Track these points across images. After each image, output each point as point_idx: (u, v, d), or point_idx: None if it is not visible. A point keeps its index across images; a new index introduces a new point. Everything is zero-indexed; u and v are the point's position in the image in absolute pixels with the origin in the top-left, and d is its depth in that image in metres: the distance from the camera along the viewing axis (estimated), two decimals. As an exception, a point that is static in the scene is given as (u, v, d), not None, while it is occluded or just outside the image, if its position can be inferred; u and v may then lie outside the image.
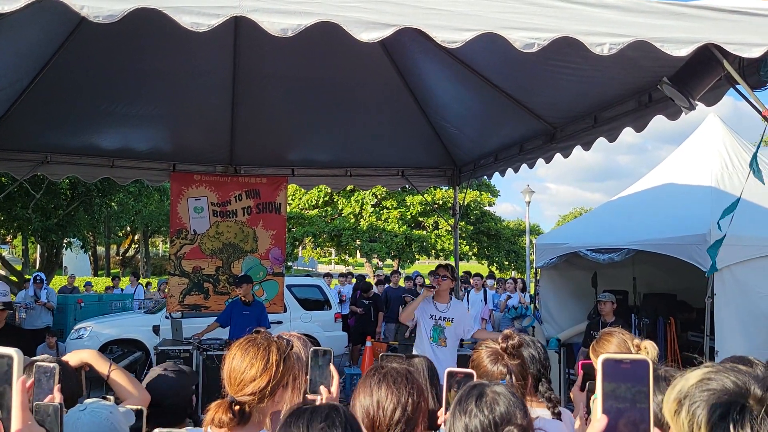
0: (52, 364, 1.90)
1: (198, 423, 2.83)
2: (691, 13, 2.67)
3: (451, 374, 1.76)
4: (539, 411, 2.30)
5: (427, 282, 6.16)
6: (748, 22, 2.71)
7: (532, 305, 11.79)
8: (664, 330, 8.10)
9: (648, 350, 2.34)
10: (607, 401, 1.23)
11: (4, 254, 23.47)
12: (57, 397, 1.95)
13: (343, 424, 1.37)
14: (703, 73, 3.52)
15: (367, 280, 15.86)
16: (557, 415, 2.25)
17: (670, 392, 1.19)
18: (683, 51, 2.60)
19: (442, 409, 1.80)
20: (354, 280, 15.41)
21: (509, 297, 12.71)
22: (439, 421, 1.81)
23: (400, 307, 12.62)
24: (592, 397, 1.78)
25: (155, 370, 2.88)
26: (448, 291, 5.61)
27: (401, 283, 13.71)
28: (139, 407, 2.66)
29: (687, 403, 1.15)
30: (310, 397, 2.11)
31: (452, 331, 5.46)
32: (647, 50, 2.68)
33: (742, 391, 1.10)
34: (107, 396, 2.75)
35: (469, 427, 1.44)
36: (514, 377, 2.13)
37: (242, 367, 1.90)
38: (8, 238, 26.22)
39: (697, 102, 3.70)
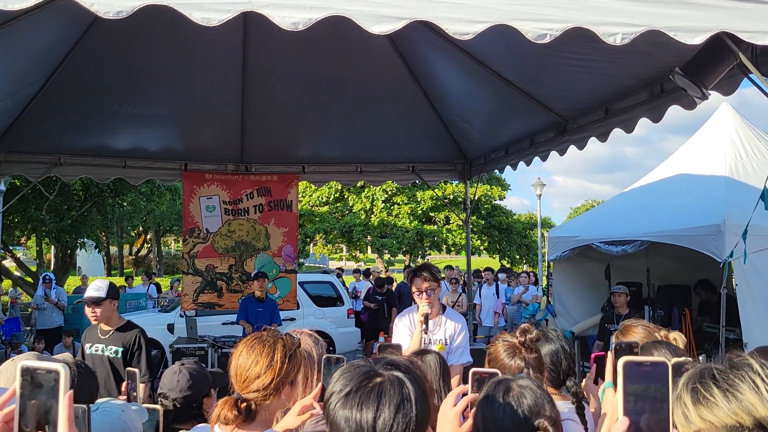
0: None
1: (205, 422, 2.85)
2: (702, 2, 2.64)
3: (475, 374, 1.74)
4: (561, 404, 2.28)
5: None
6: (761, 10, 2.68)
7: (545, 298, 11.77)
8: (679, 321, 8.06)
9: (677, 341, 2.33)
10: (628, 402, 1.24)
11: (18, 255, 23.68)
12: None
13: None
14: (716, 63, 3.50)
15: (380, 275, 15.88)
16: (581, 410, 2.24)
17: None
18: (697, 39, 2.58)
19: (461, 407, 1.77)
20: (366, 277, 15.43)
21: (526, 289, 12.67)
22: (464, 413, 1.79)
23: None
24: (601, 387, 1.78)
25: (175, 365, 2.91)
26: (437, 300, 4.08)
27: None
28: (155, 406, 2.69)
29: (678, 399, 1.28)
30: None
31: (446, 357, 3.67)
32: (659, 40, 2.66)
33: (708, 367, 1.27)
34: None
35: (500, 423, 1.43)
36: (531, 371, 2.11)
37: (247, 364, 1.89)
38: (23, 240, 26.44)
39: (710, 92, 3.68)
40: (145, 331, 4.68)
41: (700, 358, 3.24)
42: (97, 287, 4.40)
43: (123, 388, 2.85)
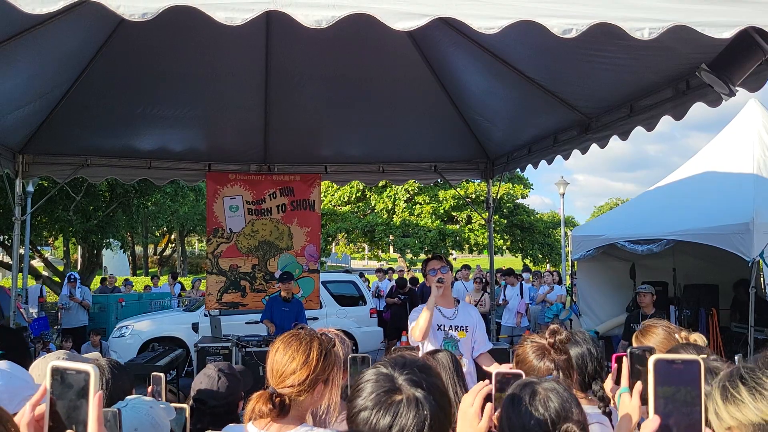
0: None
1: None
2: (729, -3, 2.61)
3: (498, 375, 1.73)
4: (587, 408, 2.26)
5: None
6: (790, 4, 2.63)
7: (569, 297, 11.67)
8: (706, 321, 7.95)
9: (698, 342, 2.29)
10: (658, 404, 1.23)
11: (46, 255, 24.07)
12: None
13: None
14: (743, 58, 3.45)
15: (404, 275, 15.89)
16: (608, 415, 2.21)
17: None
18: (725, 34, 2.54)
19: (478, 405, 1.76)
20: (395, 276, 15.44)
21: (551, 289, 12.59)
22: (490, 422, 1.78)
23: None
24: (618, 391, 1.76)
25: (210, 368, 2.92)
26: (450, 289, 4.40)
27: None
28: (182, 405, 2.71)
29: (709, 397, 1.28)
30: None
31: (467, 344, 4.18)
32: (684, 36, 2.63)
33: (737, 367, 1.28)
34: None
35: (527, 427, 1.42)
36: (561, 373, 2.08)
37: (284, 360, 1.95)
38: (50, 240, 26.88)
39: (737, 88, 3.62)
40: None
41: (736, 358, 3.18)
42: None
43: (148, 391, 2.87)
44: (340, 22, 2.35)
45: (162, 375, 2.89)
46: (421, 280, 14.36)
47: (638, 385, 1.60)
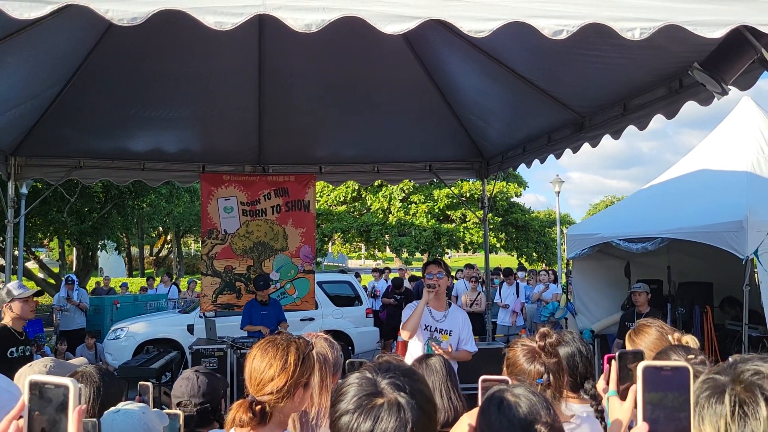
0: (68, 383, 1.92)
1: (223, 425, 2.87)
2: (721, -5, 2.60)
3: (485, 381, 1.73)
4: (579, 408, 2.26)
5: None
6: (782, 2, 2.63)
7: (564, 296, 11.69)
8: (701, 319, 7.96)
9: (690, 344, 2.30)
10: (646, 411, 1.22)
11: (41, 257, 23.99)
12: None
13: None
14: (735, 57, 3.45)
15: (406, 274, 15.91)
16: (600, 413, 2.21)
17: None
18: (717, 33, 2.54)
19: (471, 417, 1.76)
20: (391, 275, 15.45)
21: (546, 287, 12.59)
22: None
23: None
24: (606, 395, 1.76)
25: (187, 372, 2.92)
26: (444, 293, 4.63)
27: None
28: (176, 412, 2.71)
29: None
30: None
31: (450, 346, 4.46)
32: (677, 35, 2.62)
33: (723, 381, 1.20)
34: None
35: None
36: (551, 375, 2.09)
37: (261, 368, 1.92)
38: (45, 242, 26.80)
39: (729, 87, 3.63)
40: None
41: (730, 359, 3.19)
42: None
43: (136, 400, 2.87)
44: (331, 24, 2.35)
45: (149, 384, 2.87)
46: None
47: (633, 387, 1.60)
